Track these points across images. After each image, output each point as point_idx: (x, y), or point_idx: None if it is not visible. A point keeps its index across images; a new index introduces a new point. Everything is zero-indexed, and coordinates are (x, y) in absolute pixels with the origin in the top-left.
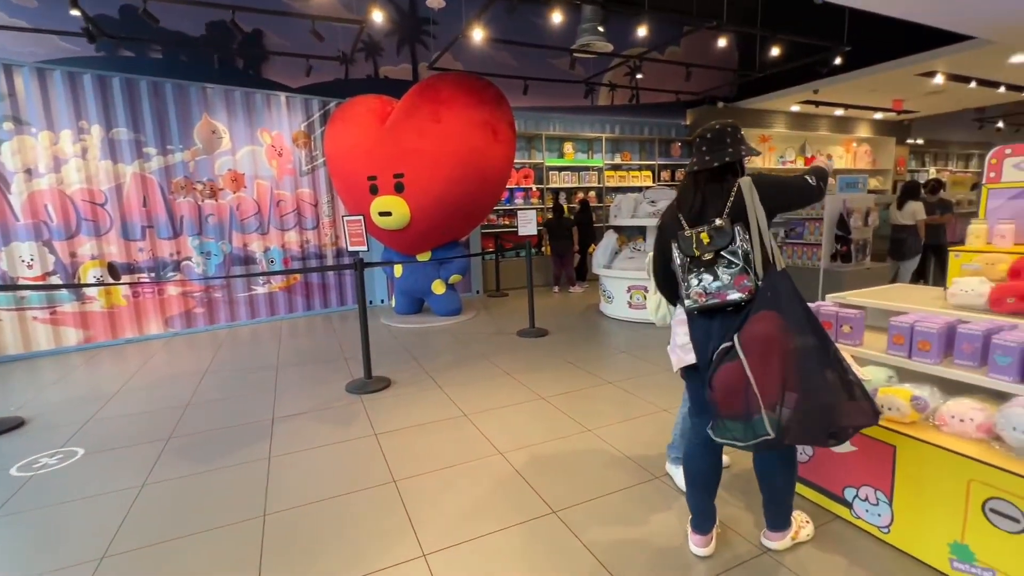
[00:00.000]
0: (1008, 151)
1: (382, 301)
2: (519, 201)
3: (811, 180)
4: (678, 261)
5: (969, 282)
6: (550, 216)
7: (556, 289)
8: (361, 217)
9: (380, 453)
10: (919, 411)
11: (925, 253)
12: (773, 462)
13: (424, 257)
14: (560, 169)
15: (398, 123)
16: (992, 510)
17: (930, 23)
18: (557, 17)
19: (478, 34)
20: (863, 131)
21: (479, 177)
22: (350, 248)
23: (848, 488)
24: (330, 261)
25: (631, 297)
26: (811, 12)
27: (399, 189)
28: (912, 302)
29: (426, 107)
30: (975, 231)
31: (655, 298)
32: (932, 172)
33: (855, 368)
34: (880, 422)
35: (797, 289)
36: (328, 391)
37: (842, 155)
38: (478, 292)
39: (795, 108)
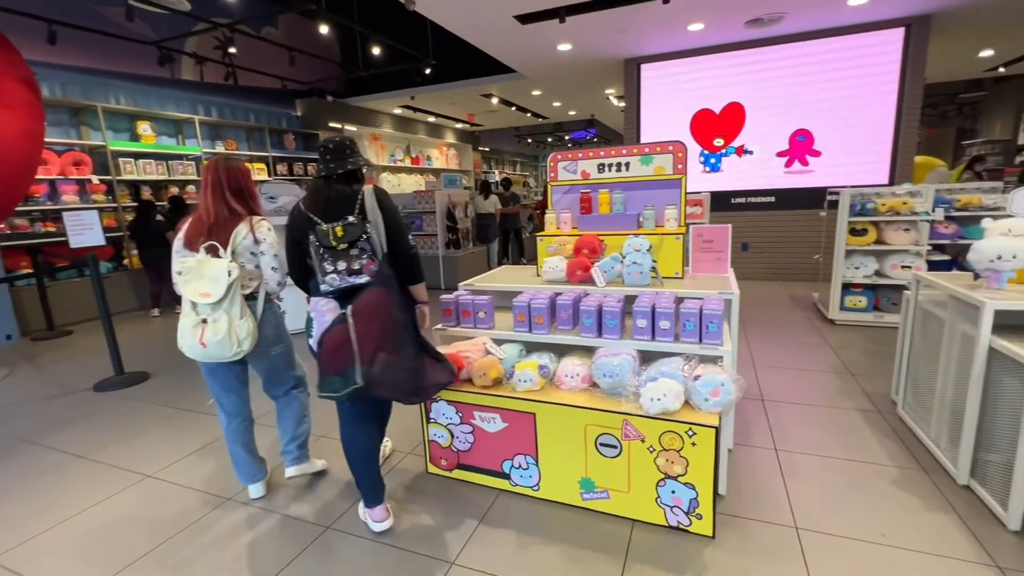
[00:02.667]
0: (560, 157)
1: None
2: (70, 199)
3: (413, 243)
4: (314, 252)
5: (553, 261)
6: (133, 218)
7: (156, 312)
8: None
9: None
10: (545, 377)
11: (505, 236)
12: (367, 437)
13: None
14: (136, 156)
15: None
16: (601, 444)
17: (488, 51)
18: None
19: None
20: (450, 137)
21: None
22: None
23: (505, 461)
24: None
25: None
26: (404, 20)
27: None
28: (520, 282)
29: None
30: (549, 219)
31: (227, 321)
32: (497, 173)
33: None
34: (519, 394)
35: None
36: None
37: (438, 156)
38: (10, 337)
39: (398, 111)
